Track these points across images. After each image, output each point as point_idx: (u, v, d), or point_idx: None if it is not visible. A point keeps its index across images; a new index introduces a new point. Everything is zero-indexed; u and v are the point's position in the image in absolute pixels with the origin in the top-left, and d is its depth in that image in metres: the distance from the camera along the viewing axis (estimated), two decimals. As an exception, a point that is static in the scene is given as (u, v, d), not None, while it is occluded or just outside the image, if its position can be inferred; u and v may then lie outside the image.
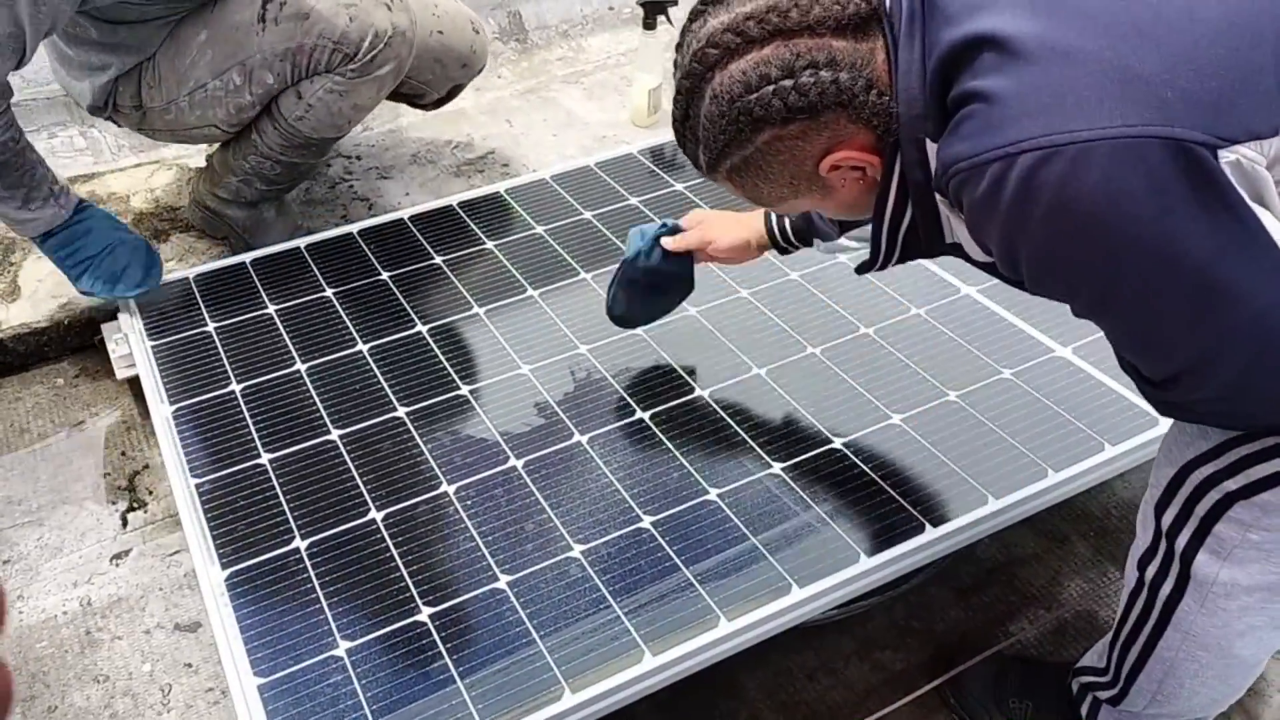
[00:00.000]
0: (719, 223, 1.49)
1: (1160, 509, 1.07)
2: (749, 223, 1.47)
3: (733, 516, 1.40)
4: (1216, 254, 0.80)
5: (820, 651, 1.49)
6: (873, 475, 1.44)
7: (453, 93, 2.16)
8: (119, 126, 1.93)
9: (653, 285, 1.56)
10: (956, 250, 1.02)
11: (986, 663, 1.44)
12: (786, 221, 1.42)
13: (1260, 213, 0.80)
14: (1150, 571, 1.11)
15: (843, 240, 1.38)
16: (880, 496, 1.41)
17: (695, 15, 0.97)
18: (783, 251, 1.47)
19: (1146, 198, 0.78)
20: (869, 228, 1.29)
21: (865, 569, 1.32)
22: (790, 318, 1.73)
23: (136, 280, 1.77)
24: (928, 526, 1.37)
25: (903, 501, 1.40)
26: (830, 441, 1.50)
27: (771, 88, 0.90)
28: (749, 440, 1.51)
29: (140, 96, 1.81)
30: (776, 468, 1.47)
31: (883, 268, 1.09)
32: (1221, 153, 0.78)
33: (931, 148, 0.91)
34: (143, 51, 1.78)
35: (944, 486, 1.43)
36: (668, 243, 1.50)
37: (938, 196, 0.94)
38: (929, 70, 0.88)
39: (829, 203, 1.02)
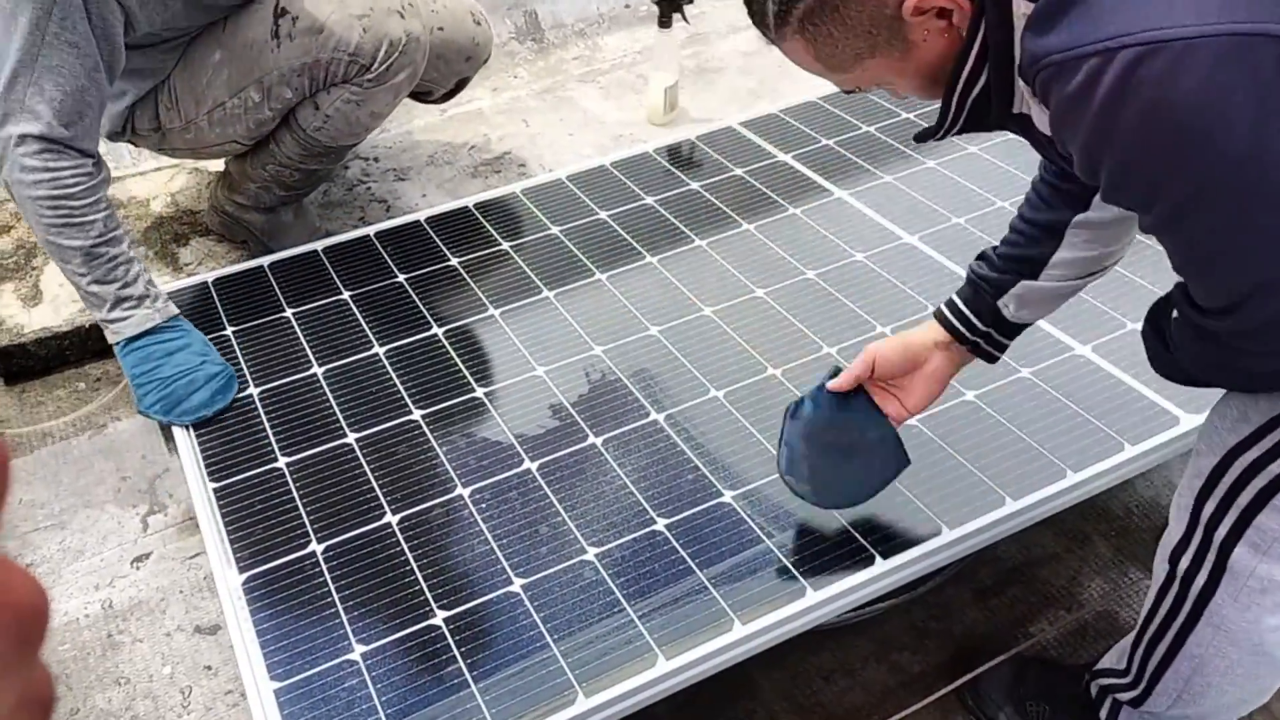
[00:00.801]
0: (882, 341, 1.27)
1: (1202, 499, 1.03)
2: (918, 333, 1.27)
3: (747, 519, 1.39)
4: None
5: (837, 653, 1.48)
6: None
7: (460, 85, 2.16)
8: (136, 148, 1.94)
9: (831, 444, 1.32)
10: (1022, 122, 0.95)
11: (1004, 666, 1.43)
12: (963, 306, 1.21)
13: None
14: (1184, 564, 1.07)
15: (1042, 282, 1.16)
16: (897, 498, 1.40)
17: None
18: (985, 353, 1.24)
19: (1251, 101, 0.75)
20: (1067, 258, 1.14)
21: (881, 571, 1.31)
22: (806, 317, 1.72)
23: (197, 405, 1.60)
24: (944, 529, 1.36)
25: (919, 503, 1.39)
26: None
27: None
28: (764, 442, 1.50)
29: (158, 119, 1.82)
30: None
31: (944, 137, 1.01)
32: None
33: (1019, 7, 0.85)
34: (157, 75, 1.79)
35: (961, 488, 1.41)
36: (831, 384, 1.28)
37: (1024, 92, 0.89)
38: None
39: (906, 65, 0.93)
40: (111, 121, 1.82)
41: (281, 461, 1.54)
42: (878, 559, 1.33)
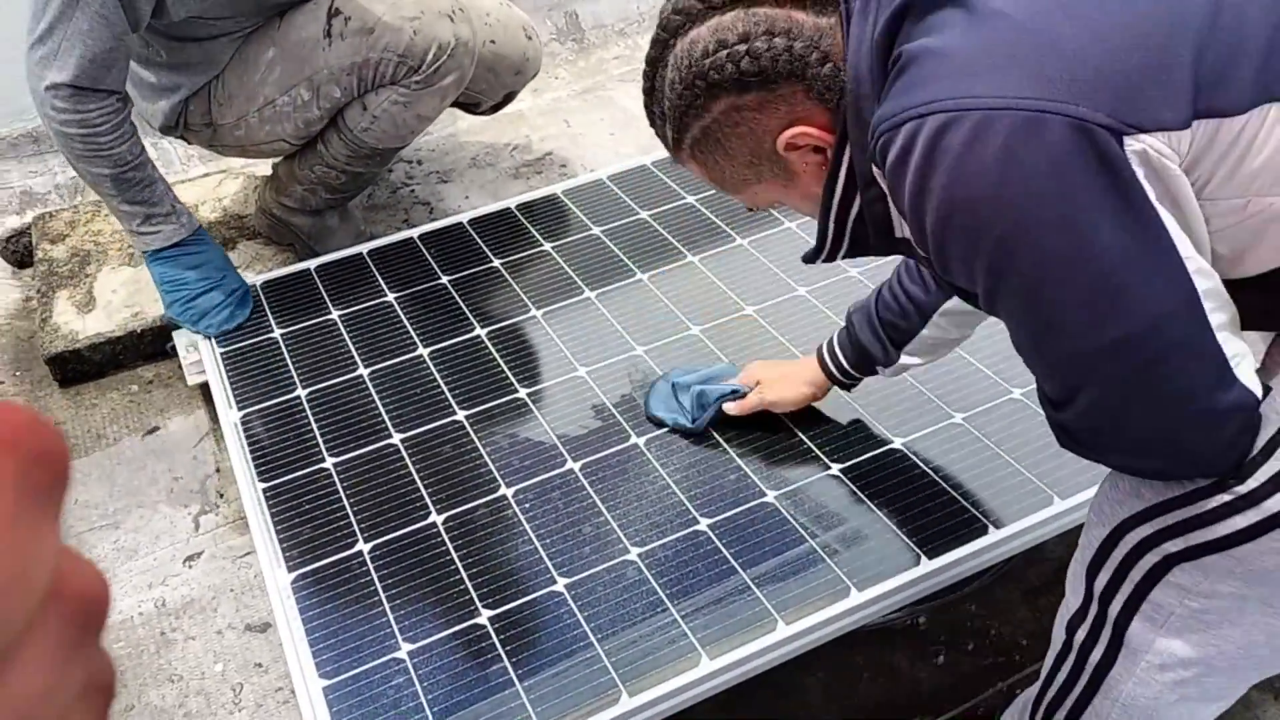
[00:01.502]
0: (776, 380, 1.49)
1: (1093, 571, 0.99)
2: (805, 373, 1.46)
3: (790, 519, 1.39)
4: (1111, 244, 0.76)
5: (884, 652, 1.47)
6: (934, 475, 1.42)
7: (507, 98, 2.18)
8: (189, 144, 1.98)
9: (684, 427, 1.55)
10: (905, 246, 0.97)
11: None
12: (841, 357, 1.38)
13: (1162, 212, 0.76)
14: (1080, 635, 1.03)
15: (903, 359, 1.31)
16: (942, 497, 1.39)
17: None
18: (846, 388, 1.44)
19: (1045, 175, 0.76)
20: (930, 336, 1.27)
21: (927, 571, 1.30)
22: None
23: (221, 321, 1.81)
24: (991, 528, 1.34)
25: (964, 502, 1.38)
26: (890, 441, 1.48)
27: (726, 52, 0.89)
28: (807, 441, 1.50)
29: (210, 114, 1.86)
30: (835, 469, 1.45)
31: (829, 259, 1.04)
32: (1127, 140, 0.75)
33: None
34: (211, 70, 1.82)
35: (1008, 486, 1.40)
36: (730, 408, 1.50)
37: (877, 176, 0.91)
38: (875, 45, 0.86)
39: (792, 191, 0.99)
40: (165, 115, 1.86)
41: (329, 462, 1.56)
42: (923, 558, 1.31)
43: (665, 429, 1.55)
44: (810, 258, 1.05)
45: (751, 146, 0.94)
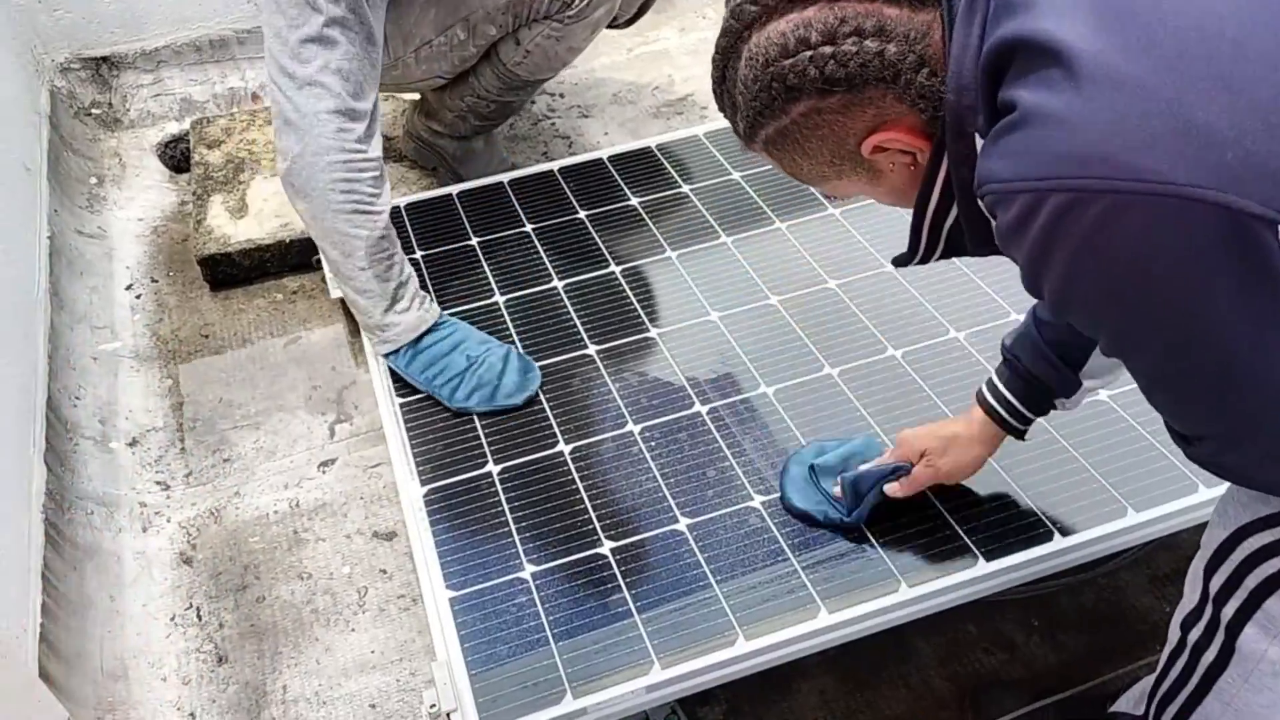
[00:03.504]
0: (943, 448, 1.27)
1: (1210, 571, 0.97)
2: (970, 430, 1.26)
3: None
4: (1252, 337, 0.72)
5: (1002, 626, 1.45)
6: (1074, 452, 1.38)
7: (644, 8, 2.14)
8: None
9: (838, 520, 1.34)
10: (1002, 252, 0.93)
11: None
12: (1011, 397, 1.20)
13: None
14: (1193, 635, 1.01)
15: (1085, 383, 1.17)
16: (1080, 475, 1.35)
17: None
18: (1020, 435, 1.24)
19: (1183, 262, 0.70)
20: (1102, 359, 1.13)
21: (1058, 549, 1.27)
22: (995, 280, 1.67)
23: (514, 386, 1.55)
24: (1130, 510, 1.31)
25: (1105, 482, 1.34)
26: (1029, 413, 1.44)
27: (809, 54, 0.81)
28: (942, 406, 1.47)
29: None
30: (969, 436, 1.42)
31: (923, 263, 0.98)
32: None
33: (981, 144, 0.81)
34: None
35: (1151, 470, 1.35)
36: (895, 490, 1.28)
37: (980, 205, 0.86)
38: (983, 59, 0.78)
39: (878, 188, 0.93)
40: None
41: (463, 383, 1.59)
42: (1056, 536, 1.29)
43: (796, 380, 1.54)
44: (902, 261, 1.00)
45: (832, 147, 0.88)
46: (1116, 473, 1.35)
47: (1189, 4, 0.72)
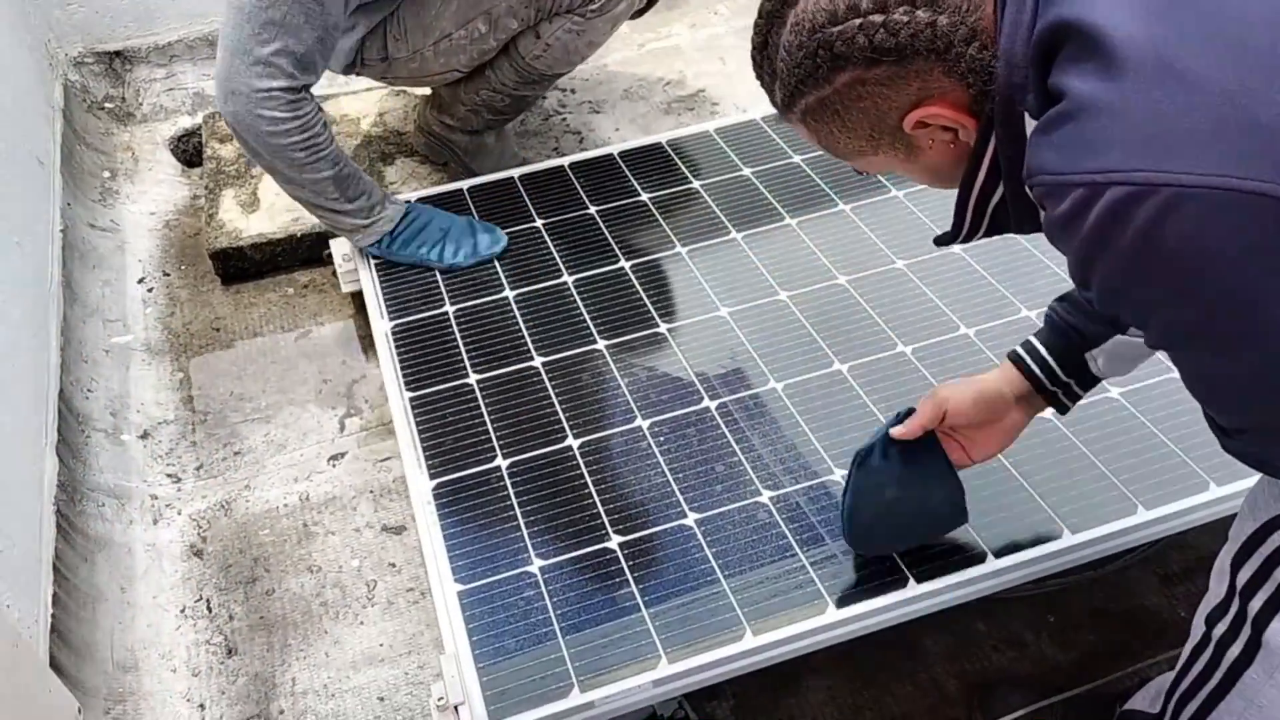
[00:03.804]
0: (954, 386, 1.18)
1: (1237, 564, 0.96)
2: (992, 378, 1.18)
3: (929, 478, 1.37)
4: None
5: (1009, 623, 1.45)
6: (1084, 449, 1.38)
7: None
8: (358, 77, 2.01)
9: (895, 503, 1.22)
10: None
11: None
12: (1045, 353, 1.13)
13: None
14: (1219, 630, 1.00)
15: (1119, 337, 1.09)
16: (1091, 472, 1.35)
17: None
18: (1060, 404, 1.16)
19: (1242, 257, 0.69)
20: (1123, 344, 1.09)
21: (1068, 545, 1.27)
22: (1004, 276, 1.66)
23: (489, 241, 1.80)
24: (1140, 508, 1.30)
25: (1115, 479, 1.33)
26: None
27: (859, 21, 0.79)
28: (951, 401, 1.47)
29: (386, 50, 1.88)
30: (979, 432, 1.42)
31: (966, 241, 0.97)
32: None
33: (1031, 124, 0.80)
34: (386, 8, 1.85)
35: (1162, 468, 1.35)
36: (897, 431, 1.18)
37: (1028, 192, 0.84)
38: (1035, 37, 0.77)
39: (913, 165, 0.91)
40: (345, 55, 1.89)
41: (472, 378, 1.60)
42: (1065, 533, 1.28)
43: (806, 375, 1.54)
44: (946, 240, 0.98)
45: (873, 120, 0.86)
46: (1127, 470, 1.35)
47: None
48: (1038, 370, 1.14)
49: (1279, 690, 0.96)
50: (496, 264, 1.81)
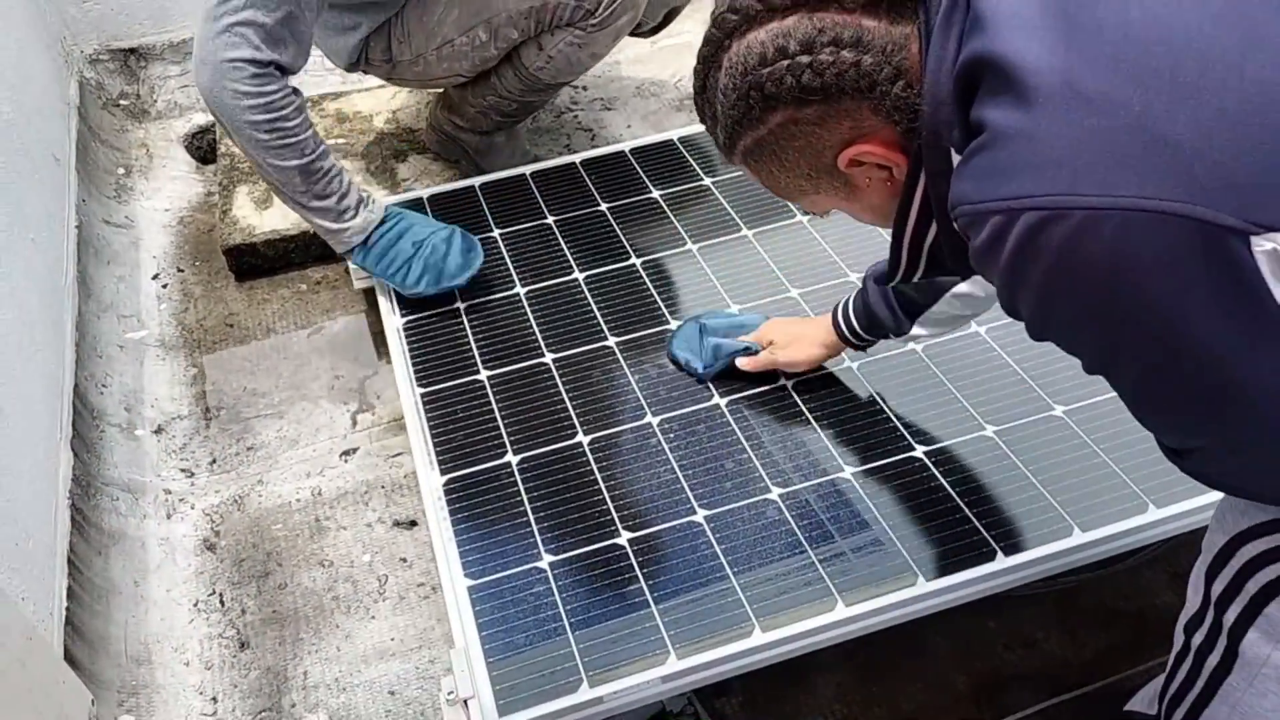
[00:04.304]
0: (789, 342, 1.50)
1: (1211, 576, 0.96)
2: (818, 334, 1.47)
3: (940, 478, 1.37)
4: (1232, 346, 0.71)
5: (1020, 622, 1.45)
6: (1095, 447, 1.37)
7: (669, 16, 2.14)
8: (365, 75, 2.02)
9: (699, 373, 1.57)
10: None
11: None
12: (855, 320, 1.40)
13: None
14: (1197, 639, 1.00)
15: (915, 329, 1.34)
16: (1102, 470, 1.34)
17: None
18: (858, 348, 1.45)
19: (1157, 276, 0.69)
20: (941, 313, 1.28)
21: (1078, 543, 1.27)
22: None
23: (458, 268, 1.69)
24: (1151, 506, 1.30)
25: (1126, 478, 1.33)
26: (1051, 409, 1.44)
27: (787, 62, 0.81)
28: (962, 400, 1.47)
29: (390, 51, 1.89)
30: (989, 430, 1.42)
31: (905, 281, 0.98)
32: (1255, 239, 0.67)
33: (958, 159, 0.80)
34: (390, 9, 1.86)
35: (1171, 466, 1.33)
36: (743, 363, 1.53)
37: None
38: (955, 74, 0.78)
39: (855, 205, 0.93)
40: (348, 53, 1.90)
41: (483, 374, 1.60)
42: (1076, 531, 1.28)
43: (818, 373, 1.54)
44: (883, 280, 1.01)
45: (810, 160, 0.88)
46: (1138, 467, 1.35)
47: (1155, 16, 0.71)
48: (849, 335, 1.42)
49: (1259, 697, 0.97)
50: (508, 260, 1.81)
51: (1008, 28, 0.74)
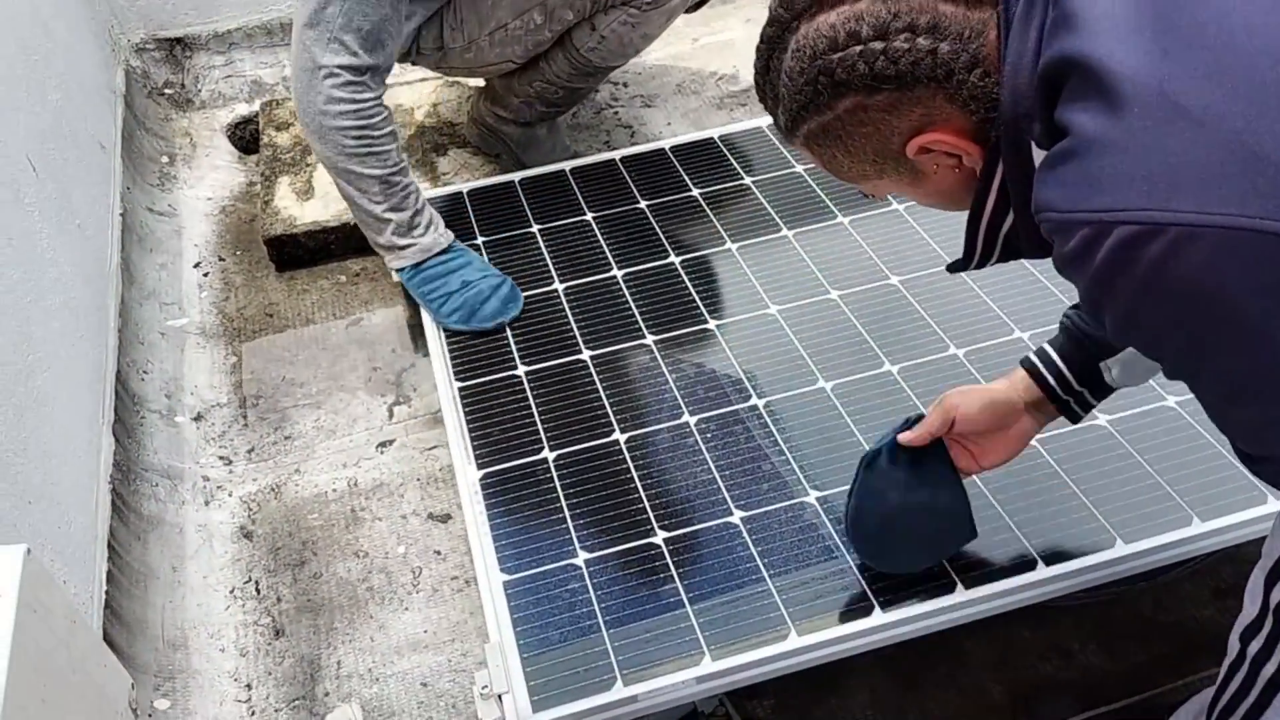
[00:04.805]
0: (964, 393, 1.19)
1: (1270, 583, 0.95)
2: (1003, 385, 1.19)
3: (980, 485, 1.35)
4: None
5: (1057, 632, 1.43)
6: (1140, 458, 1.36)
7: None
8: (414, 66, 2.03)
9: (901, 507, 1.20)
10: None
11: None
12: (1059, 361, 1.14)
13: None
14: (1253, 647, 0.98)
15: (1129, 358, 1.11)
16: (1147, 481, 1.33)
17: None
18: (1072, 413, 1.16)
19: (1251, 295, 0.68)
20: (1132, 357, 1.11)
21: (1120, 555, 1.25)
22: (1060, 281, 1.64)
23: (493, 313, 1.67)
24: (1195, 519, 1.28)
25: (1171, 490, 1.31)
26: (1095, 418, 1.42)
27: (859, 48, 0.79)
28: (1003, 406, 1.45)
29: (442, 39, 1.90)
30: (1033, 441, 1.40)
31: (979, 266, 0.96)
32: None
33: (1039, 154, 0.78)
34: None
35: (1217, 479, 1.32)
36: (904, 436, 1.17)
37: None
38: (1040, 70, 0.76)
39: (919, 190, 0.91)
40: (403, 43, 1.91)
41: (521, 370, 1.61)
42: (1118, 543, 1.27)
43: (856, 376, 1.53)
44: (958, 267, 0.97)
45: (876, 146, 0.86)
46: (1182, 480, 1.33)
47: (1258, 25, 0.69)
48: (1051, 379, 1.14)
49: None
50: (547, 256, 1.82)
51: (1101, 28, 0.72)
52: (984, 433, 1.17)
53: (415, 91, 2.34)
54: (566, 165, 2.03)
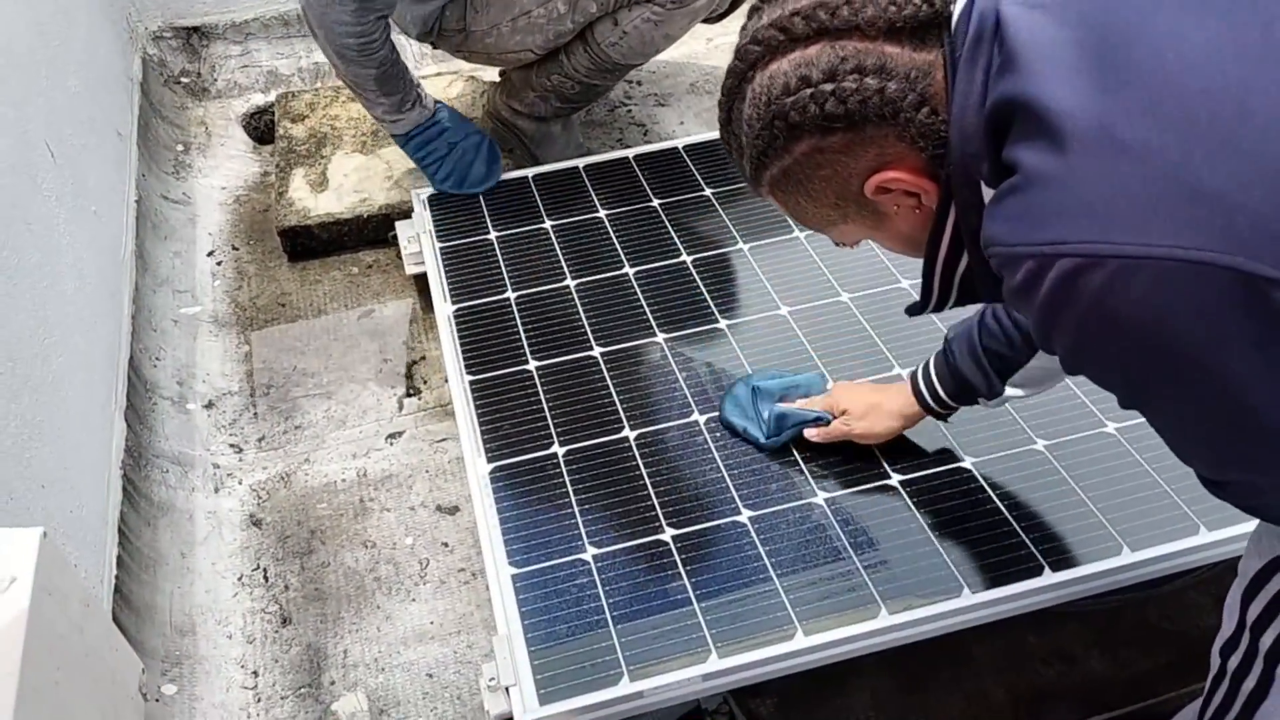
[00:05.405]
0: (864, 411, 1.40)
1: (1246, 601, 0.96)
2: (895, 403, 1.37)
3: (988, 490, 1.36)
4: (1270, 392, 0.71)
5: (1061, 637, 1.43)
6: (1147, 466, 1.36)
7: (735, 3, 2.13)
8: (435, 49, 2.05)
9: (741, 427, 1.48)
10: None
11: None
12: (939, 387, 1.30)
13: None
14: (1232, 663, 0.99)
15: (1007, 390, 1.24)
16: (1154, 490, 1.33)
17: (752, 10, 0.89)
18: (942, 418, 1.35)
19: (1195, 326, 0.69)
20: (1038, 367, 1.19)
21: (1127, 563, 1.26)
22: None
23: (481, 177, 1.95)
24: (1202, 528, 1.28)
25: (1178, 499, 1.32)
26: (1104, 425, 1.42)
27: (810, 90, 0.81)
28: (1013, 414, 1.46)
29: (465, 20, 1.91)
30: (1040, 444, 1.41)
31: (937, 310, 0.98)
32: None
33: (988, 193, 0.80)
34: None
35: (1225, 490, 1.33)
36: (812, 435, 1.43)
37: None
38: (986, 112, 0.77)
39: (882, 233, 0.92)
40: (423, 20, 1.92)
41: (532, 364, 1.61)
42: (1125, 550, 1.27)
43: (866, 379, 1.53)
44: (915, 311, 1.00)
45: (836, 188, 0.87)
46: (1191, 488, 1.33)
47: (1193, 62, 0.70)
48: (934, 405, 1.32)
49: None
50: (559, 251, 1.82)
51: (1041, 69, 0.74)
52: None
53: (429, 86, 2.34)
54: (580, 162, 2.03)
